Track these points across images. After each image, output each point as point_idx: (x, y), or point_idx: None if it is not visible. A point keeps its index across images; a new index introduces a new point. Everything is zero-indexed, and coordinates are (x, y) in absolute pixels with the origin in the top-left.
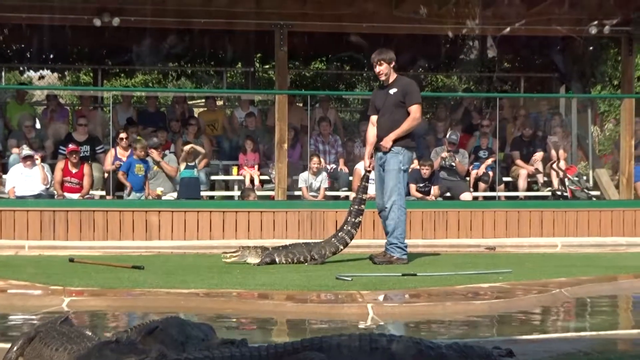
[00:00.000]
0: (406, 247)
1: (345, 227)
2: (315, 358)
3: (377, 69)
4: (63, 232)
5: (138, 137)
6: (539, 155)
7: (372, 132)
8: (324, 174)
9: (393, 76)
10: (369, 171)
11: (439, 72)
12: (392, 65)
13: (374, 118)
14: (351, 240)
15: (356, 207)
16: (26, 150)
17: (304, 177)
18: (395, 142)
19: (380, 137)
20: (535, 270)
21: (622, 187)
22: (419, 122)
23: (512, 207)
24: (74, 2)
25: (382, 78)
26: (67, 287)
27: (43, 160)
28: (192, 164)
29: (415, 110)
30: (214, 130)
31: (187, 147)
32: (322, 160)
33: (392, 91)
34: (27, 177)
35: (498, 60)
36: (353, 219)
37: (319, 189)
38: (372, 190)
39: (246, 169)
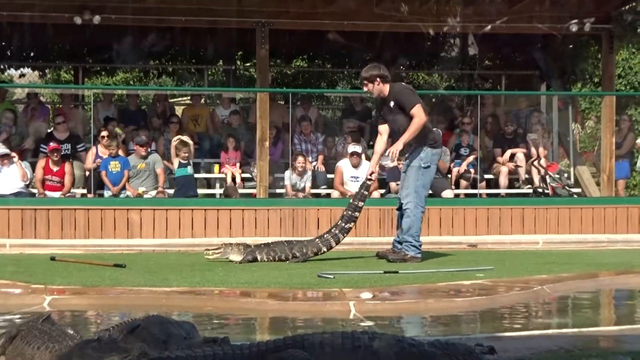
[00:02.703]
0: (420, 245)
1: (333, 230)
2: (298, 356)
3: (364, 89)
4: (44, 230)
5: (118, 130)
6: (508, 155)
7: (379, 141)
8: (309, 173)
9: (386, 88)
10: (370, 179)
11: (420, 70)
12: (378, 81)
13: (382, 127)
14: (337, 244)
15: (349, 213)
16: (2, 149)
17: (288, 175)
18: (416, 142)
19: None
20: (516, 267)
21: (603, 184)
22: (422, 120)
23: (494, 205)
24: (54, 0)
25: (375, 96)
26: (49, 285)
27: (23, 157)
28: (185, 161)
29: (415, 112)
30: (196, 126)
31: (174, 140)
32: (306, 160)
33: (391, 104)
34: (4, 175)
35: (479, 58)
36: (343, 224)
37: (303, 188)
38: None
39: (227, 167)
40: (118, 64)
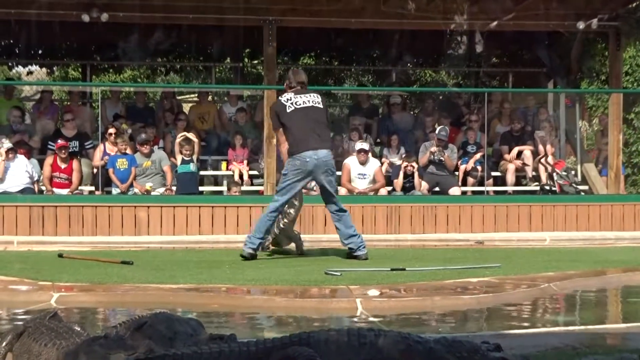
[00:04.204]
0: (262, 238)
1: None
2: (304, 353)
3: None
4: (52, 227)
5: (123, 126)
6: (515, 153)
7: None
8: None
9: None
10: None
11: (427, 68)
12: (285, 85)
13: None
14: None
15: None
16: (7, 143)
17: None
18: None
19: None
20: (523, 264)
21: (610, 182)
22: (279, 146)
23: (501, 202)
24: None
25: None
26: (56, 282)
27: (30, 154)
28: (188, 158)
29: None
30: (203, 123)
31: (179, 136)
32: None
33: None
34: (11, 171)
35: (486, 56)
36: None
37: (312, 187)
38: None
39: (235, 164)
40: (126, 62)
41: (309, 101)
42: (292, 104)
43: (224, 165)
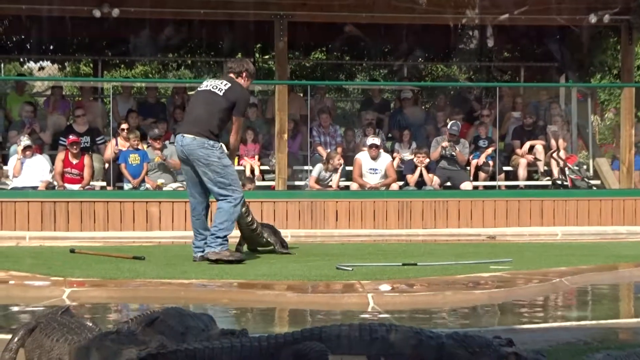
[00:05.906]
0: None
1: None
2: (316, 348)
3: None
4: (64, 222)
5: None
6: (527, 147)
7: None
8: (339, 170)
9: None
10: None
11: (438, 62)
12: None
13: None
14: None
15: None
16: (25, 141)
17: (318, 169)
18: None
19: None
20: (535, 259)
21: (622, 176)
22: None
23: (513, 197)
24: None
25: None
26: (68, 277)
27: (41, 150)
28: None
29: None
30: None
31: None
32: (341, 159)
33: None
34: (27, 167)
35: (497, 50)
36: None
37: (329, 184)
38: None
39: (246, 159)
40: (137, 57)
41: (209, 85)
42: (199, 87)
43: (235, 160)
